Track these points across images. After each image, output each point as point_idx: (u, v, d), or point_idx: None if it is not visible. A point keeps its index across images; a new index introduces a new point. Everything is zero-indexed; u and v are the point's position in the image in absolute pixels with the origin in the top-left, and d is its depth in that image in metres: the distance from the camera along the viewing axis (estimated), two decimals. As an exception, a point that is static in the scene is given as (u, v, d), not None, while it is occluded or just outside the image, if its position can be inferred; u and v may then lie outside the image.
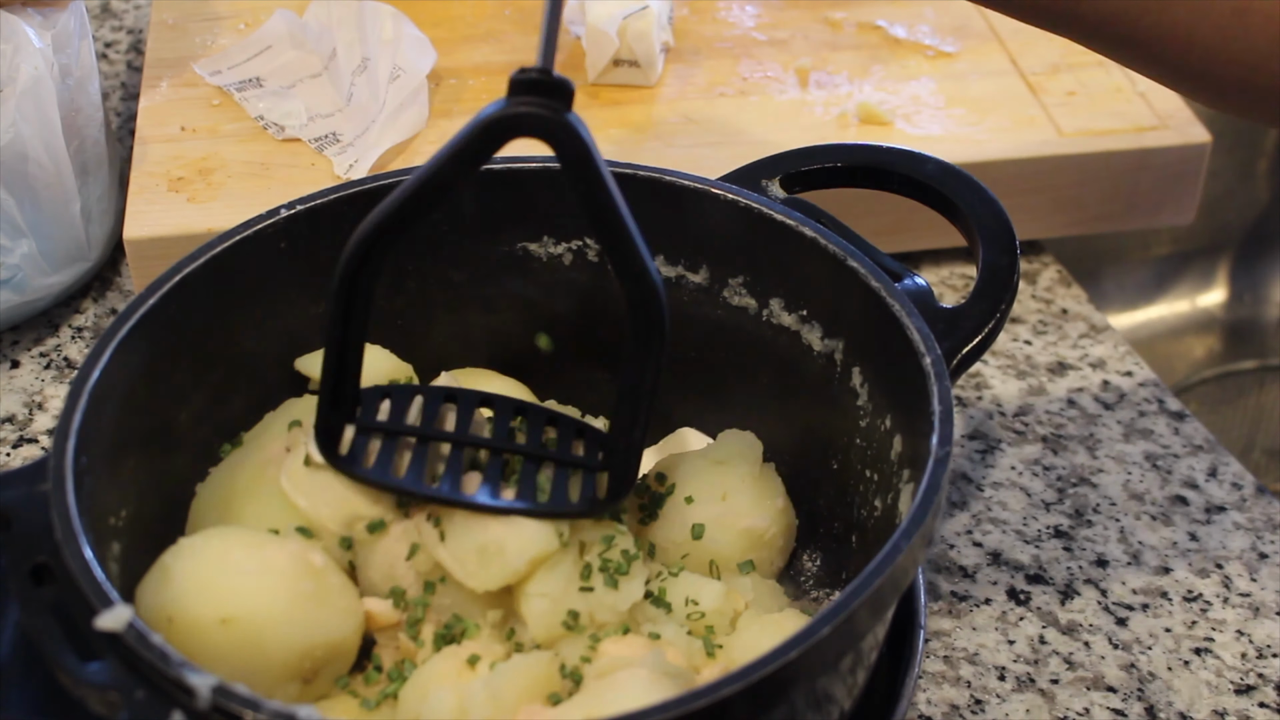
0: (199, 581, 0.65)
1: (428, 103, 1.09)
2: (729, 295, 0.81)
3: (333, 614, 0.67)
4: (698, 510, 0.76)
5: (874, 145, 0.84)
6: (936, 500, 0.63)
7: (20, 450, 0.95)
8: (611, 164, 0.79)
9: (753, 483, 0.77)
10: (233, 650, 0.64)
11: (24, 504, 0.64)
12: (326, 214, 0.77)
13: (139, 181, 1.04)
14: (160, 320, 0.72)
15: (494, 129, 0.63)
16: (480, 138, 0.63)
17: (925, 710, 0.81)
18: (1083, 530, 0.92)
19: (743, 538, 0.76)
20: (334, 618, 0.67)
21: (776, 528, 0.77)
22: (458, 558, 0.69)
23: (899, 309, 0.71)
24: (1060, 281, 1.11)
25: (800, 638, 0.57)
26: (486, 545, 0.69)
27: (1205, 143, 1.09)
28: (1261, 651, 0.85)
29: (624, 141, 1.08)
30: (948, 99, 1.12)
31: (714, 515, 0.76)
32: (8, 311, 1.00)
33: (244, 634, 0.64)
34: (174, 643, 0.63)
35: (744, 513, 0.76)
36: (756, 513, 0.76)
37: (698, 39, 1.19)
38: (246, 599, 0.65)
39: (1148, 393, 1.02)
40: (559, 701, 0.64)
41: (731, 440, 0.79)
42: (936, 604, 0.87)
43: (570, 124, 0.62)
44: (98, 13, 1.35)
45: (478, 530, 0.69)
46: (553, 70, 0.62)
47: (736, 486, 0.77)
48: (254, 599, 0.65)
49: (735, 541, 0.76)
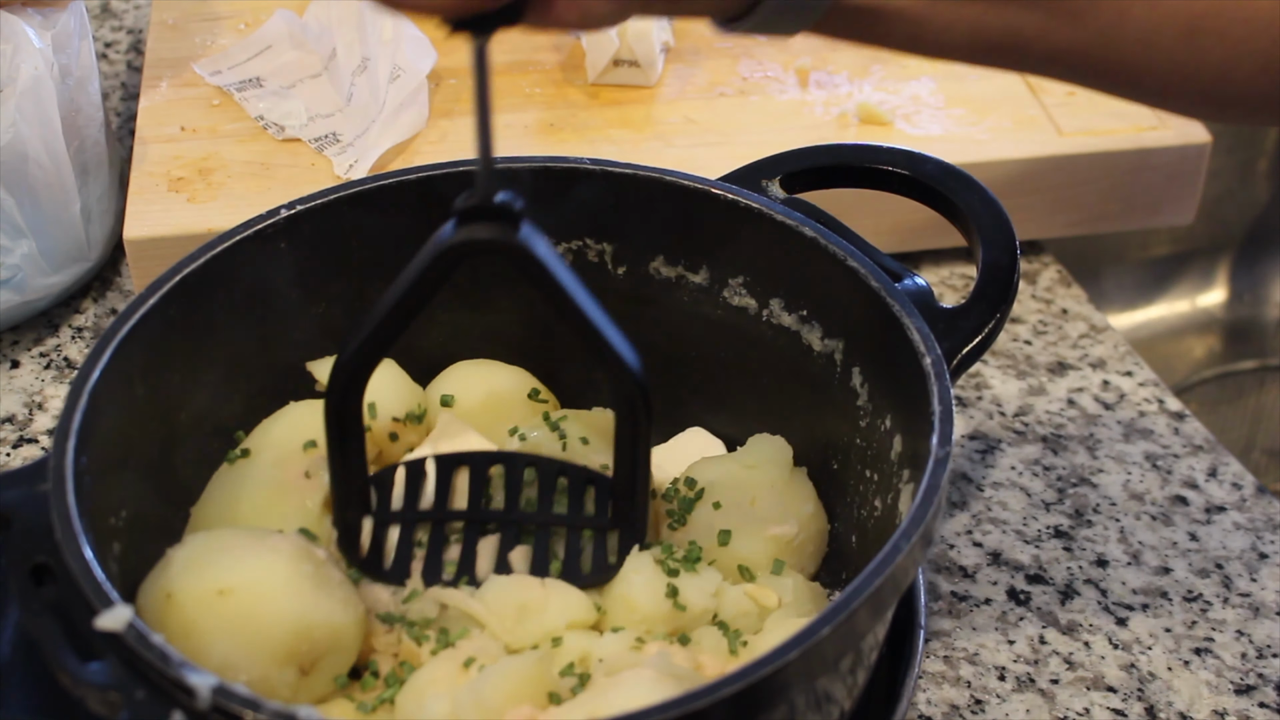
0: (199, 559, 0.66)
1: (428, 103, 1.09)
2: (729, 295, 0.81)
3: (332, 600, 0.67)
4: (725, 516, 0.76)
5: (874, 145, 0.84)
6: (936, 500, 0.63)
7: (20, 450, 0.95)
8: (612, 164, 0.79)
9: (781, 488, 0.77)
10: (230, 623, 0.64)
11: (24, 504, 0.64)
12: (326, 214, 0.77)
13: (139, 181, 1.04)
14: (160, 320, 0.72)
15: (448, 256, 0.64)
16: (436, 265, 0.65)
17: (925, 710, 0.81)
18: (1083, 530, 0.92)
19: (770, 544, 0.75)
20: (333, 604, 0.67)
21: (806, 534, 0.76)
22: (495, 612, 0.70)
23: (899, 309, 0.71)
24: (1060, 281, 1.11)
25: (800, 638, 0.57)
26: (528, 605, 0.70)
27: (1205, 143, 1.09)
28: (1261, 651, 0.85)
29: (624, 141, 1.08)
30: (948, 99, 1.12)
31: (741, 521, 0.75)
32: (8, 311, 1.00)
33: (241, 605, 0.64)
34: (172, 619, 0.64)
35: (772, 519, 0.76)
36: (784, 519, 0.76)
37: (698, 39, 1.19)
38: (245, 571, 0.65)
39: (1148, 393, 1.02)
40: (560, 701, 0.64)
41: (761, 445, 0.79)
42: (936, 604, 0.87)
43: (521, 245, 0.64)
44: (98, 13, 1.35)
45: (518, 589, 0.71)
46: (493, 197, 0.63)
47: (765, 493, 0.76)
48: (253, 571, 0.65)
49: (763, 548, 0.75)
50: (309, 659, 0.66)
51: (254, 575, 0.65)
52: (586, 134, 1.09)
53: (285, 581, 0.66)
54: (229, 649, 0.63)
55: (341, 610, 0.67)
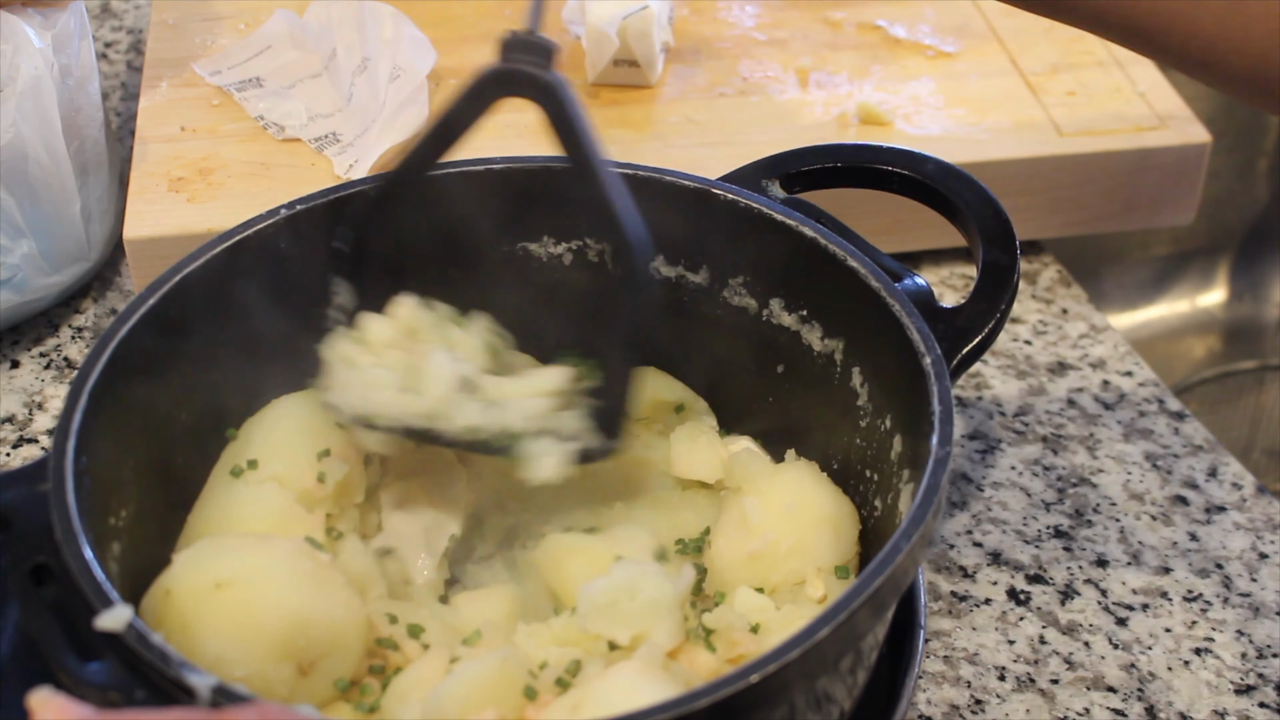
0: (198, 556, 0.66)
1: (428, 103, 1.08)
2: (729, 295, 0.81)
3: (332, 599, 0.67)
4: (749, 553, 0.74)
5: (874, 145, 0.84)
6: (936, 500, 0.63)
7: (20, 450, 0.95)
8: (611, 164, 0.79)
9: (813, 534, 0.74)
10: (226, 617, 0.64)
11: (24, 504, 0.64)
12: (326, 214, 0.77)
13: (139, 181, 1.04)
14: (160, 320, 0.72)
15: (489, 80, 0.70)
16: (478, 88, 0.71)
17: (925, 710, 0.81)
18: (1083, 530, 0.92)
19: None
20: (333, 603, 0.67)
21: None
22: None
23: (899, 309, 0.71)
24: (1060, 281, 1.11)
25: (800, 638, 0.57)
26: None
27: (1205, 143, 1.09)
28: (1261, 651, 0.85)
29: (624, 141, 1.08)
30: (948, 99, 1.12)
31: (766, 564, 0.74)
32: (8, 311, 1.00)
33: (238, 598, 0.64)
34: (170, 615, 0.64)
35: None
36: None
37: (698, 39, 1.19)
38: (243, 565, 0.65)
39: (1148, 393, 1.02)
40: (534, 696, 0.64)
41: (795, 477, 0.77)
42: (936, 604, 0.87)
43: (555, 82, 0.69)
44: (98, 13, 1.35)
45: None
46: (536, 31, 0.70)
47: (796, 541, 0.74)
48: (251, 565, 0.65)
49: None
50: (307, 658, 0.66)
51: (252, 569, 0.65)
52: (586, 134, 1.09)
53: (283, 576, 0.65)
54: (224, 643, 0.63)
55: (342, 610, 0.67)
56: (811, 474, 0.76)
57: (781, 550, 0.73)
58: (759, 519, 0.73)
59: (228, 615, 0.64)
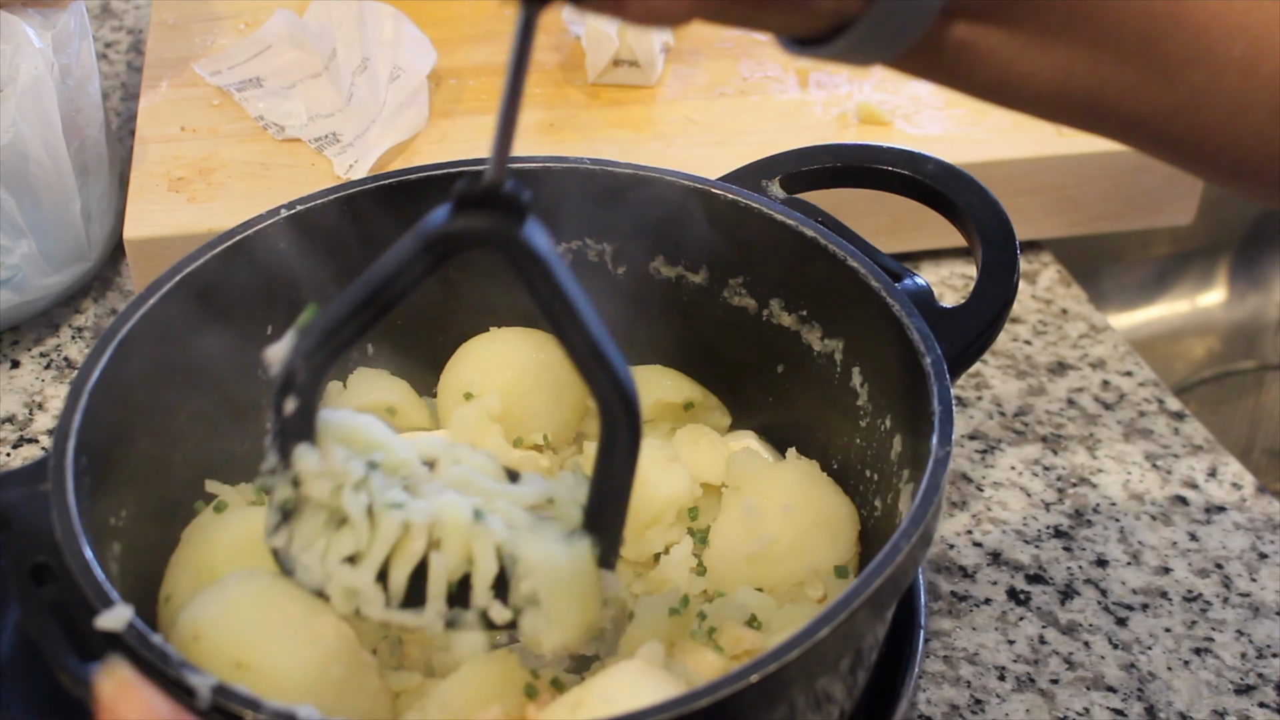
0: (237, 610, 0.63)
1: (428, 103, 1.09)
2: (729, 295, 0.81)
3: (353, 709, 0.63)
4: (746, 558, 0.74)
5: (874, 145, 0.84)
6: (936, 500, 0.63)
7: (20, 450, 0.95)
8: (612, 164, 0.79)
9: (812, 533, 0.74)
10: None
11: (24, 504, 0.64)
12: (326, 214, 0.77)
13: (139, 181, 1.04)
14: (160, 321, 0.72)
15: (437, 245, 0.56)
16: (421, 253, 0.56)
17: (925, 710, 0.81)
18: (1083, 530, 0.92)
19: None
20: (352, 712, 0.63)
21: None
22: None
23: (899, 309, 0.71)
24: (1060, 281, 1.11)
25: (800, 638, 0.57)
26: None
27: (1205, 143, 1.09)
28: (1261, 651, 0.85)
29: (624, 141, 1.08)
30: (947, 99, 1.12)
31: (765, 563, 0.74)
32: (8, 311, 1.00)
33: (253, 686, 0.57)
34: (192, 657, 0.62)
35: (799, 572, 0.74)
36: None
37: (698, 39, 1.19)
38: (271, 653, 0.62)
39: (1148, 393, 1.02)
40: (535, 694, 0.64)
41: (795, 477, 0.76)
42: (936, 604, 0.87)
43: (525, 241, 0.55)
44: (98, 13, 1.35)
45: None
46: (502, 184, 0.55)
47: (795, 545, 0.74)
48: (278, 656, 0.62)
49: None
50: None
51: (276, 662, 0.62)
52: (586, 134, 1.09)
53: (306, 681, 0.62)
54: None
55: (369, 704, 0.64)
56: (811, 474, 0.76)
57: (781, 550, 0.73)
58: (759, 519, 0.74)
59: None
